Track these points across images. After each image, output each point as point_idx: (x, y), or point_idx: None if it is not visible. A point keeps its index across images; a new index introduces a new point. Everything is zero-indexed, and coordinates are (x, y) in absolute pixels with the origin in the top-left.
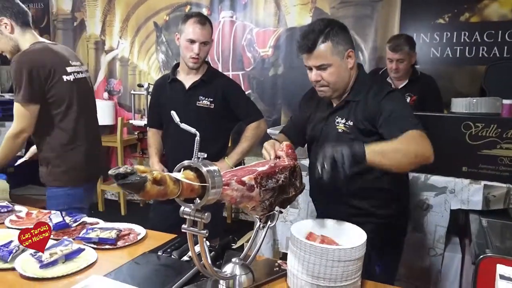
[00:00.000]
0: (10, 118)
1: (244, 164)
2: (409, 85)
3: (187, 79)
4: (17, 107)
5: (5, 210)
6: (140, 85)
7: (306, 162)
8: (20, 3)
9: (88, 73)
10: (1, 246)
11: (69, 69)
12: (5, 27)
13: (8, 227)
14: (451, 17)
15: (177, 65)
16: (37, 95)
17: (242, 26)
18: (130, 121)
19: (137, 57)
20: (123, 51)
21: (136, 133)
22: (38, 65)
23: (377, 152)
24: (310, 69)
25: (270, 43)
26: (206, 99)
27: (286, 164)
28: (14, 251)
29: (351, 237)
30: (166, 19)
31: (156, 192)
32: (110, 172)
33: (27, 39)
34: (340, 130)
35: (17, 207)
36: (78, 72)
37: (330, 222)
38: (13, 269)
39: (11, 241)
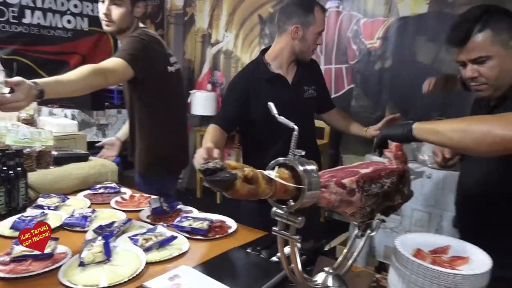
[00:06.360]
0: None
1: (341, 163)
2: None
3: (287, 73)
4: (119, 61)
5: (113, 191)
6: None
7: (413, 165)
8: None
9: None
10: (104, 226)
11: (171, 60)
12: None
13: (113, 208)
14: None
15: (263, 58)
16: (144, 64)
17: (349, 17)
18: None
19: (240, 50)
20: (227, 44)
21: None
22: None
23: (426, 130)
24: (463, 64)
25: (379, 34)
26: (310, 88)
27: (394, 167)
28: (115, 232)
29: (472, 261)
30: (270, 12)
31: (246, 191)
32: (199, 166)
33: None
34: None
35: (123, 189)
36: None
37: (445, 240)
38: None
39: (113, 222)
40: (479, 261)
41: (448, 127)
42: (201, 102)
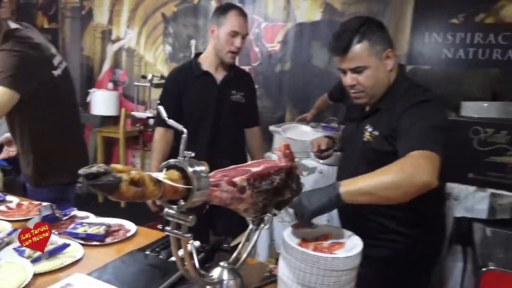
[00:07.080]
0: None
1: (247, 161)
2: None
3: (217, 73)
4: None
5: None
6: (143, 77)
7: (306, 162)
8: None
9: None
10: None
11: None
12: None
13: None
14: (465, 17)
15: (197, 57)
16: (27, 81)
17: (251, 20)
18: (132, 113)
19: (143, 48)
20: (130, 41)
21: (138, 125)
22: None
23: (355, 193)
24: (344, 72)
25: (278, 38)
26: (239, 93)
27: (283, 165)
28: None
29: (347, 245)
30: (174, 11)
31: (133, 193)
32: (80, 171)
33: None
34: (365, 139)
35: (9, 197)
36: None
37: (325, 229)
38: None
39: None
40: (353, 244)
41: (375, 184)
42: (102, 102)
